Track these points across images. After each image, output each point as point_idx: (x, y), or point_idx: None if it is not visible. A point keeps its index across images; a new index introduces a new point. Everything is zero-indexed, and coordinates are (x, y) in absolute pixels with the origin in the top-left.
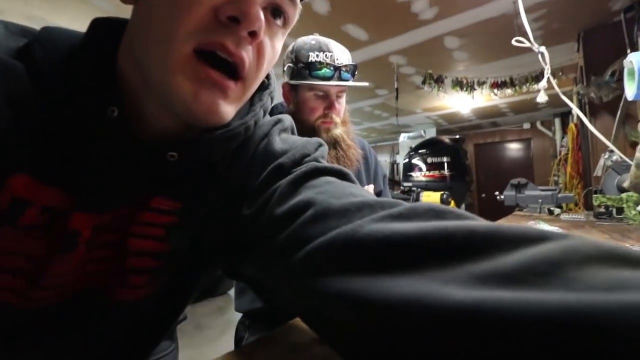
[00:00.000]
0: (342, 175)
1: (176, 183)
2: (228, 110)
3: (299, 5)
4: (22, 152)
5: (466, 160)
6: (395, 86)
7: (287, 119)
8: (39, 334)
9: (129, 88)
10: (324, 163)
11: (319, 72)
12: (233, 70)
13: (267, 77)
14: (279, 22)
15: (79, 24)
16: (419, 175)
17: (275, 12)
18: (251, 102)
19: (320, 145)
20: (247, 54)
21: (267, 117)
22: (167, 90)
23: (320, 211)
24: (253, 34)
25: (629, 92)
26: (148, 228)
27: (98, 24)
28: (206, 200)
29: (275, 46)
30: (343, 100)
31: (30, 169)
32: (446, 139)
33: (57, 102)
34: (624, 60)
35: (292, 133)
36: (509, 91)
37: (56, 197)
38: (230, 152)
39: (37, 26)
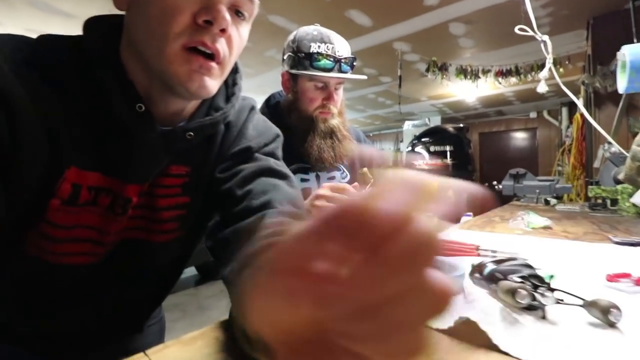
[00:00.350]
0: (284, 177)
1: (186, 152)
2: (213, 84)
3: (257, 2)
4: (70, 149)
5: (469, 150)
6: (399, 73)
7: (254, 102)
8: (93, 285)
9: (138, 82)
10: (275, 166)
11: (320, 63)
12: (212, 57)
13: (236, 63)
14: (241, 17)
15: (82, 10)
16: (421, 164)
17: (237, 11)
18: (231, 83)
19: (277, 136)
20: (220, 45)
21: (241, 100)
22: (166, 75)
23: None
24: (223, 30)
25: (620, 85)
26: (169, 189)
27: (92, 24)
28: (207, 163)
29: (241, 34)
30: (341, 91)
31: (77, 161)
32: (450, 127)
33: (81, 103)
34: (618, 53)
35: (257, 112)
36: (513, 80)
37: (97, 179)
38: (220, 127)
39: (41, 12)
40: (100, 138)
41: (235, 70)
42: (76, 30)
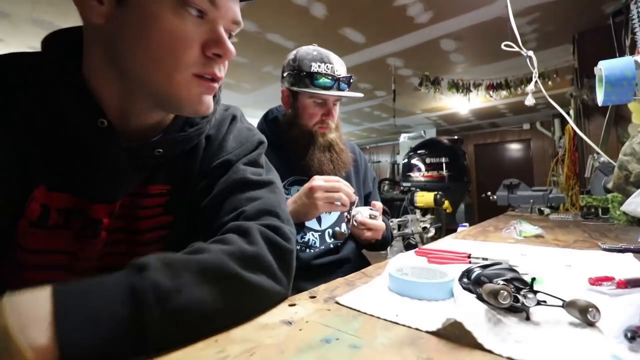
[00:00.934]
0: (263, 185)
1: (165, 170)
2: (212, 103)
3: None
4: (38, 169)
5: (465, 161)
6: (393, 88)
7: (238, 112)
8: None
9: (109, 97)
10: (252, 177)
11: (320, 81)
12: (215, 80)
13: None
14: (232, 40)
15: None
16: (418, 176)
17: (229, 33)
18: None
19: (260, 143)
20: (223, 72)
21: (222, 110)
22: (174, 98)
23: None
24: (229, 59)
25: (599, 98)
26: (150, 210)
27: (51, 40)
28: (188, 179)
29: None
30: (337, 107)
31: (45, 181)
32: (445, 139)
33: (45, 121)
34: (595, 68)
35: (240, 121)
36: (504, 93)
37: (66, 200)
38: (201, 142)
39: (44, 30)
40: (66, 157)
41: None
42: None
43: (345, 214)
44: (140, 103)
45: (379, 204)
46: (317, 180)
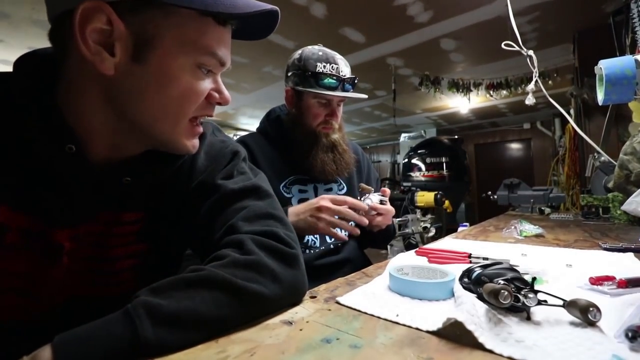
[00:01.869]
0: (248, 195)
1: (137, 196)
2: None
3: None
4: (3, 187)
5: (465, 161)
6: (393, 87)
7: (208, 127)
8: (39, 335)
9: (97, 132)
10: (232, 186)
11: (325, 81)
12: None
13: None
14: None
15: None
16: (418, 175)
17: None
18: None
19: (234, 154)
20: None
21: None
22: (171, 143)
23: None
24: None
25: (599, 97)
26: (122, 238)
27: (23, 62)
28: (162, 205)
29: None
30: (341, 108)
31: (7, 200)
32: (445, 139)
33: (12, 141)
34: (595, 67)
35: (214, 134)
36: (504, 92)
37: (28, 221)
38: (174, 170)
39: (44, 31)
40: (31, 178)
41: None
42: None
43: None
44: (131, 141)
45: (387, 190)
46: (325, 201)
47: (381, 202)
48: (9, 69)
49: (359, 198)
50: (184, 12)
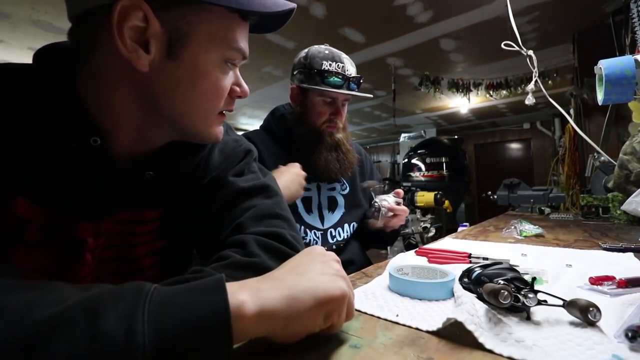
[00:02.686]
0: (256, 193)
1: (156, 193)
2: None
3: None
4: (20, 179)
5: (465, 161)
6: (393, 87)
7: (224, 126)
8: None
9: (124, 125)
10: (242, 184)
11: (330, 80)
12: None
13: None
14: None
15: None
16: (418, 175)
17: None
18: None
19: (247, 152)
20: None
21: None
22: (203, 135)
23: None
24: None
25: (599, 97)
26: (144, 236)
27: (44, 54)
28: (179, 202)
29: None
30: (346, 108)
31: (27, 193)
32: (445, 139)
33: (33, 132)
34: (595, 67)
35: (227, 133)
36: (504, 92)
37: (49, 216)
38: (193, 164)
39: (44, 31)
40: (53, 171)
41: None
42: None
43: (373, 202)
44: (157, 134)
45: (401, 191)
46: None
47: (396, 204)
48: None
49: (374, 199)
50: (214, 9)
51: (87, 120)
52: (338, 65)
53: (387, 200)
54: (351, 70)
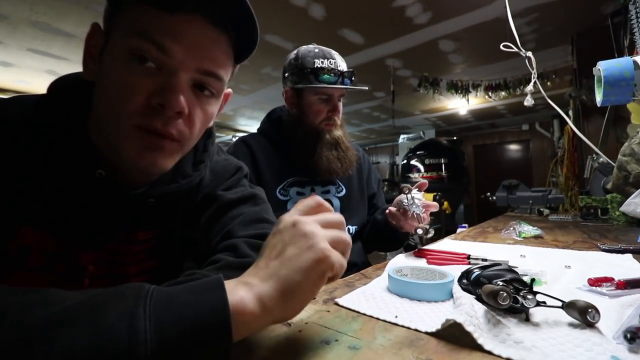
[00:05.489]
0: (245, 201)
1: (151, 217)
2: (167, 162)
3: (225, 78)
4: (27, 208)
5: (464, 162)
6: (392, 89)
7: (214, 148)
8: None
9: (105, 150)
10: (231, 196)
11: (324, 77)
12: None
13: (210, 128)
14: (207, 93)
15: (83, 30)
16: (417, 176)
17: (204, 87)
18: (202, 148)
19: (237, 170)
20: (175, 127)
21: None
22: (119, 151)
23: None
24: (179, 113)
25: (598, 98)
26: (136, 256)
27: (58, 85)
28: (174, 223)
29: (207, 110)
30: (341, 104)
31: (32, 221)
32: (444, 140)
33: (41, 163)
34: (594, 68)
35: (217, 154)
36: (503, 93)
37: (53, 243)
38: (189, 187)
39: (42, 32)
40: (59, 201)
41: (208, 135)
42: (76, 50)
43: (405, 202)
44: (118, 157)
45: (425, 182)
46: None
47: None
48: (8, 69)
49: (405, 200)
50: (130, 4)
51: (94, 154)
52: (330, 61)
53: (419, 197)
54: (342, 65)
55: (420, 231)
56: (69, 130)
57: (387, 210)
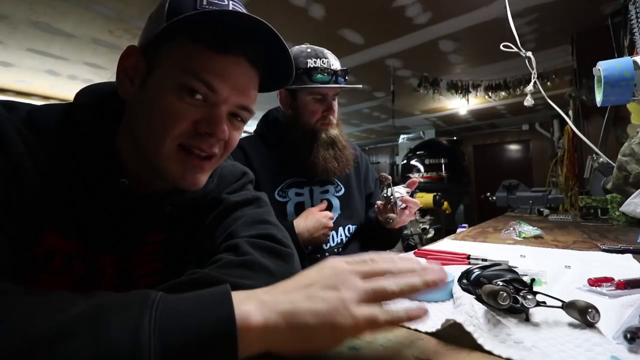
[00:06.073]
0: (248, 203)
1: (162, 220)
2: (204, 179)
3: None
4: (53, 214)
5: (464, 162)
6: (392, 89)
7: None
8: None
9: (129, 161)
10: (235, 198)
11: (318, 76)
12: (207, 158)
13: None
14: (239, 120)
15: (83, 30)
16: (417, 176)
17: (237, 116)
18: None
19: (242, 174)
20: (217, 149)
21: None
22: (161, 169)
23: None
24: (221, 139)
25: (597, 99)
26: (145, 257)
27: (85, 95)
28: (182, 227)
29: (235, 136)
30: (336, 102)
31: (57, 226)
32: (444, 140)
33: (67, 170)
34: (594, 68)
35: (228, 158)
36: (503, 94)
37: (76, 248)
38: (202, 194)
39: (43, 32)
40: (83, 207)
41: None
42: (76, 50)
43: (384, 193)
44: (147, 171)
45: (416, 180)
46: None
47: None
48: (8, 69)
49: (384, 191)
50: (183, 42)
51: (119, 164)
52: (323, 61)
53: (400, 192)
54: (336, 64)
55: (391, 220)
56: (96, 141)
57: (375, 205)
